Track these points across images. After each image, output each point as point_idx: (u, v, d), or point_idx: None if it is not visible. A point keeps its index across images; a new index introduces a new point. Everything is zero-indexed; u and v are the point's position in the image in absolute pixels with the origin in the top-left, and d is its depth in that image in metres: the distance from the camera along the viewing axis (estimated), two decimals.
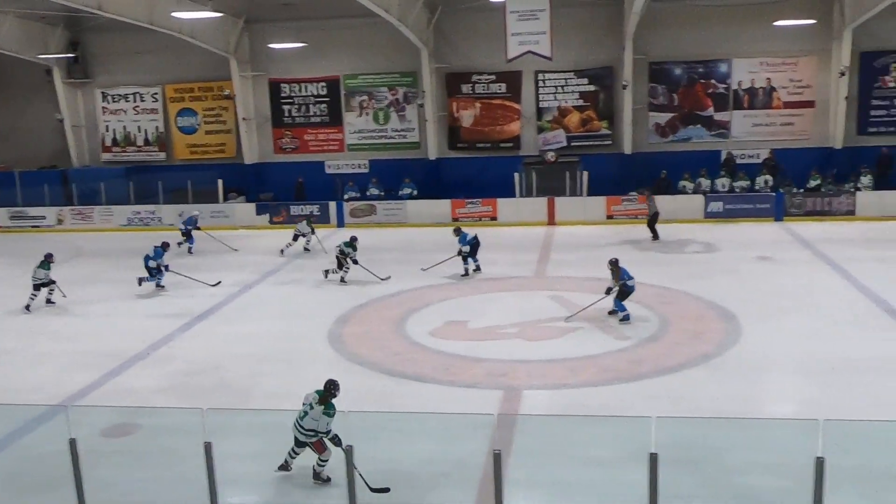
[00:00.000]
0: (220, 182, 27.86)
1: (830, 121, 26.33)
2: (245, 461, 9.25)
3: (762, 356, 12.84)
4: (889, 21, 24.73)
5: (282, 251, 21.87)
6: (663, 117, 27.27)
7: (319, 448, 8.57)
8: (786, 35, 25.86)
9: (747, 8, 25.88)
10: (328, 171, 29.23)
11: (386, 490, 8.25)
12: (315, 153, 29.58)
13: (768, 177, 25.52)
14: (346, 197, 27.48)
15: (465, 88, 28.01)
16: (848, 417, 9.05)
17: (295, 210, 26.55)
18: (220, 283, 18.36)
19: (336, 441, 8.39)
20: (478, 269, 18.89)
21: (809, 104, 26.61)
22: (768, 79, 26.63)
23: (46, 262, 17.17)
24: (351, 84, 28.97)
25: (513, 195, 26.36)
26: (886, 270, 17.87)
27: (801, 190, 25.14)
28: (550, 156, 27.28)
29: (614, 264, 15.19)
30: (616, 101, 27.10)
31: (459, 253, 18.69)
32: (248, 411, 10.49)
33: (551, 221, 25.26)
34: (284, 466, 8.87)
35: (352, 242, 18.55)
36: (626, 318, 14.73)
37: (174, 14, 23.60)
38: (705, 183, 25.69)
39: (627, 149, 26.94)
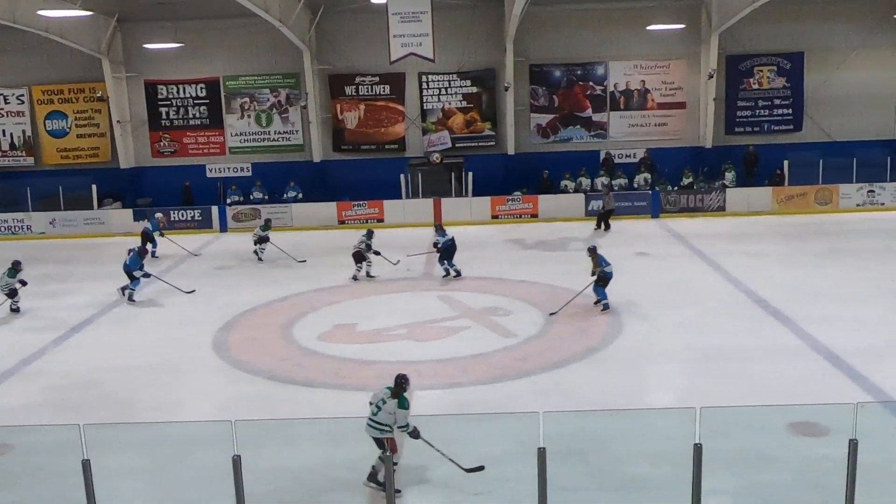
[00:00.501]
0: (93, 188, 26.74)
1: (701, 121, 27.56)
2: (127, 477, 8.89)
3: (643, 348, 13.32)
4: (752, 26, 26.09)
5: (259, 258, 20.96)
6: (544, 118, 27.89)
7: (394, 447, 8.40)
8: (658, 39, 26.91)
9: (621, 13, 26.80)
10: (209, 174, 28.46)
11: (481, 468, 8.48)
12: (195, 157, 28.73)
13: (647, 175, 26.49)
14: (228, 201, 26.85)
15: (349, 90, 27.84)
16: (723, 404, 9.47)
17: (179, 215, 25.80)
18: (194, 290, 17.83)
19: (415, 434, 8.49)
20: (458, 273, 18.31)
21: (681, 105, 27.78)
22: (643, 81, 27.64)
23: (14, 269, 16.56)
24: (231, 86, 28.32)
25: (399, 197, 26.41)
26: (755, 263, 18.85)
27: (675, 188, 26.22)
28: (435, 157, 27.47)
29: (593, 251, 15.72)
30: (499, 102, 27.53)
31: (436, 246, 18.68)
32: (130, 425, 10.09)
33: (438, 222, 25.37)
34: (374, 475, 8.55)
35: (370, 235, 18.86)
36: (605, 307, 15.17)
37: (40, 12, 22.49)
38: (586, 182, 26.43)
39: (511, 149, 27.42)
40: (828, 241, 21.36)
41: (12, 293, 16.57)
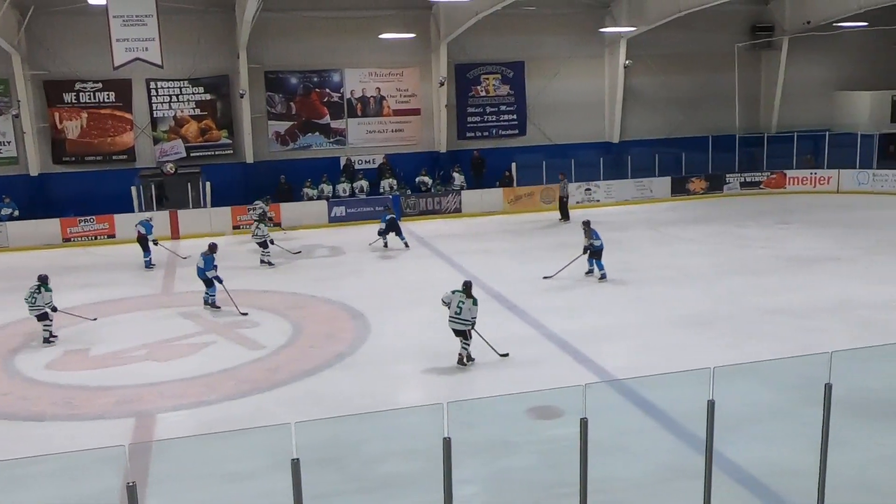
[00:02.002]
0: None
1: (435, 127, 28.66)
2: None
3: (391, 349, 13.60)
4: (477, 36, 27.58)
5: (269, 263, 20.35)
6: (283, 126, 27.60)
7: (469, 335, 12.24)
8: (391, 47, 27.62)
9: (354, 21, 27.18)
10: None
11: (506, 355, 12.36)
12: None
13: (392, 181, 27.06)
14: None
15: (68, 97, 25.80)
16: (469, 396, 9.91)
17: None
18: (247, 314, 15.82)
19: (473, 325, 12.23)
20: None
21: (416, 112, 28.70)
22: (378, 88, 28.22)
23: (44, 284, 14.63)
24: None
25: (131, 210, 24.87)
26: (490, 260, 19.93)
27: (412, 192, 27.05)
28: (169, 167, 26.21)
29: (587, 225, 17.68)
30: (234, 110, 26.84)
31: (380, 232, 21.32)
32: None
33: (175, 235, 24.28)
34: (462, 360, 12.31)
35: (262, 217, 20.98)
36: (602, 277, 17.28)
37: None
38: (327, 189, 26.52)
39: (249, 158, 26.83)
40: (553, 236, 23.08)
41: (43, 316, 14.51)
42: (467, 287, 12.38)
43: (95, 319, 15.85)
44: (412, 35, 27.18)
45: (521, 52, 29.09)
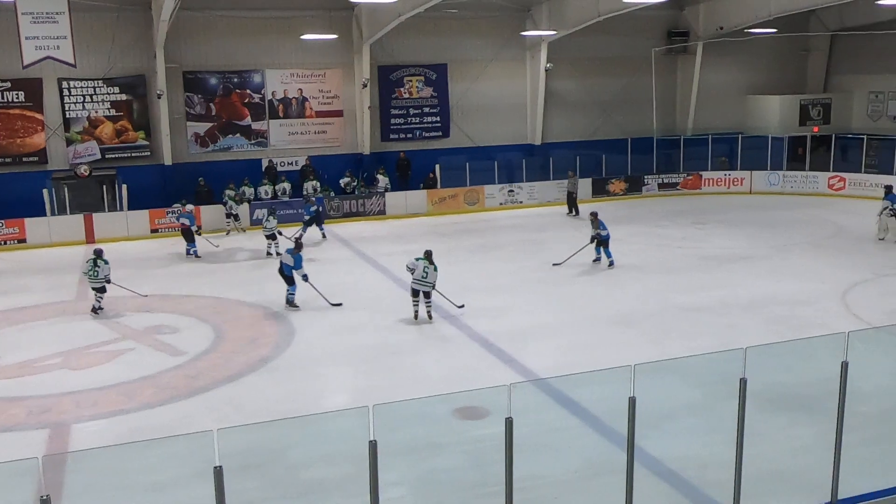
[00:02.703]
0: None
1: (358, 129, 28.51)
2: None
3: (316, 352, 13.49)
4: (400, 38, 27.57)
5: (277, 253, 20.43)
6: (202, 127, 27.04)
7: (429, 295, 14.92)
8: (313, 48, 27.36)
9: (275, 21, 26.84)
10: None
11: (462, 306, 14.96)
12: None
13: (316, 183, 26.79)
14: None
15: None
16: (396, 398, 9.87)
17: None
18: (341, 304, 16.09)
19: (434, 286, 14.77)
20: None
21: (339, 113, 28.50)
22: (300, 89, 27.92)
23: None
24: None
25: (43, 214, 23.99)
26: None
27: (336, 194, 26.84)
28: (83, 169, 25.37)
29: (594, 216, 18.92)
30: (152, 110, 26.16)
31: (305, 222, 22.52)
32: None
33: (90, 239, 23.53)
34: (429, 315, 14.81)
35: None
36: (611, 264, 18.66)
37: None
38: (249, 191, 26.11)
39: (168, 160, 26.20)
40: (477, 237, 23.24)
41: (101, 289, 15.84)
42: (428, 255, 14.95)
43: (147, 296, 16.74)
44: (334, 36, 26.98)
45: (444, 55, 29.20)
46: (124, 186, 25.20)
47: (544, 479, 8.84)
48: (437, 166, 28.31)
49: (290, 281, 15.96)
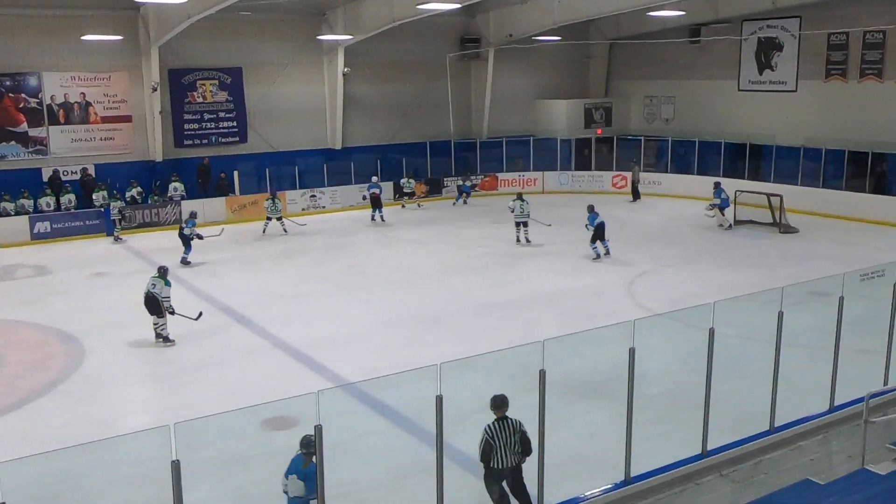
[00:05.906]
0: None
1: (149, 135, 27.13)
2: None
3: (109, 372, 12.73)
4: (192, 41, 26.54)
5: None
6: None
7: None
8: (96, 50, 25.73)
9: (53, 20, 25.00)
10: None
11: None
12: None
13: (104, 192, 25.19)
14: None
15: None
16: (201, 414, 9.49)
17: None
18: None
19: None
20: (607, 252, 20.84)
21: (127, 119, 26.99)
22: (83, 93, 26.19)
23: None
24: None
25: None
26: (216, 272, 19.29)
27: (128, 205, 25.41)
28: None
29: (590, 209, 20.14)
30: None
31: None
32: None
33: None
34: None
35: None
36: (607, 252, 19.93)
37: None
38: (28, 203, 24.20)
39: None
40: (280, 243, 22.86)
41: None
42: (519, 195, 20.14)
43: (199, 317, 14.38)
44: (119, 37, 25.54)
45: (238, 58, 28.44)
46: None
47: (357, 484, 8.86)
48: (235, 172, 27.59)
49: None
